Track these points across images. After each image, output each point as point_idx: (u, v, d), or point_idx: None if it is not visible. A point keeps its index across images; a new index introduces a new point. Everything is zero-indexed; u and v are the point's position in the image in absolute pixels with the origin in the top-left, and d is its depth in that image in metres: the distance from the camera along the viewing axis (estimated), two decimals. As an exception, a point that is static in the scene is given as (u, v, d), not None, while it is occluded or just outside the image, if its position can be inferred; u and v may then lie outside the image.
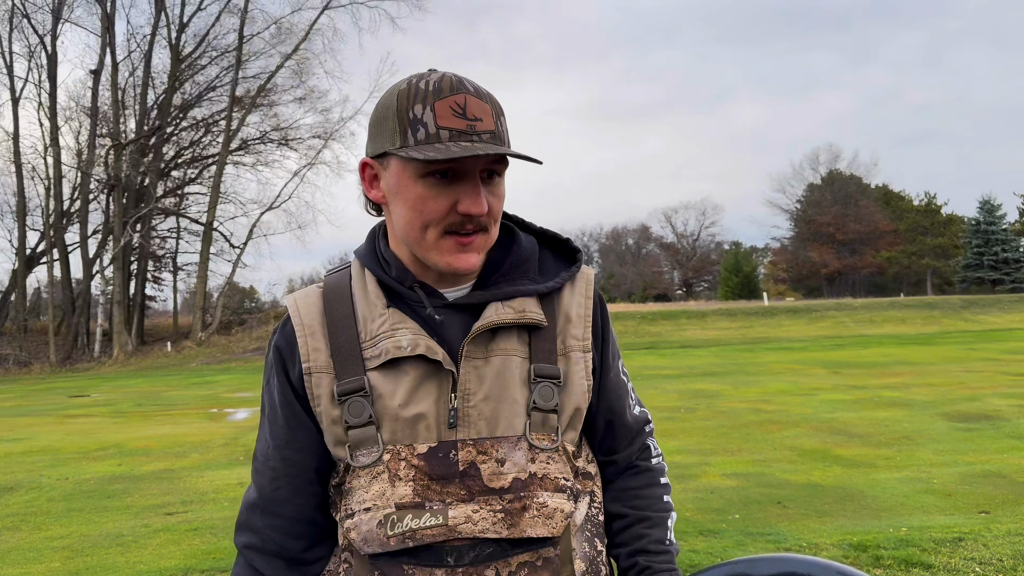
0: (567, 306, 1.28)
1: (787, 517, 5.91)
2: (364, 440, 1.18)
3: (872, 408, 11.48)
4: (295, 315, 1.27)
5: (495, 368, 1.20)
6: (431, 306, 1.22)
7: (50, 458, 10.30)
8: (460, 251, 1.18)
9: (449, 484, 1.15)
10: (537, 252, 1.32)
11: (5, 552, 5.86)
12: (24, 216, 41.03)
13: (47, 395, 22.63)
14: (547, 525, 1.17)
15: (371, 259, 1.29)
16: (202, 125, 44.33)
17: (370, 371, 1.20)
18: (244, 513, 1.33)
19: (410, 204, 1.17)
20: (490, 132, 1.14)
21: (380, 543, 1.16)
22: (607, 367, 1.32)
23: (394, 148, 1.15)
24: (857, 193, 71.76)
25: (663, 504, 1.33)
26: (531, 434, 1.19)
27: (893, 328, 33.22)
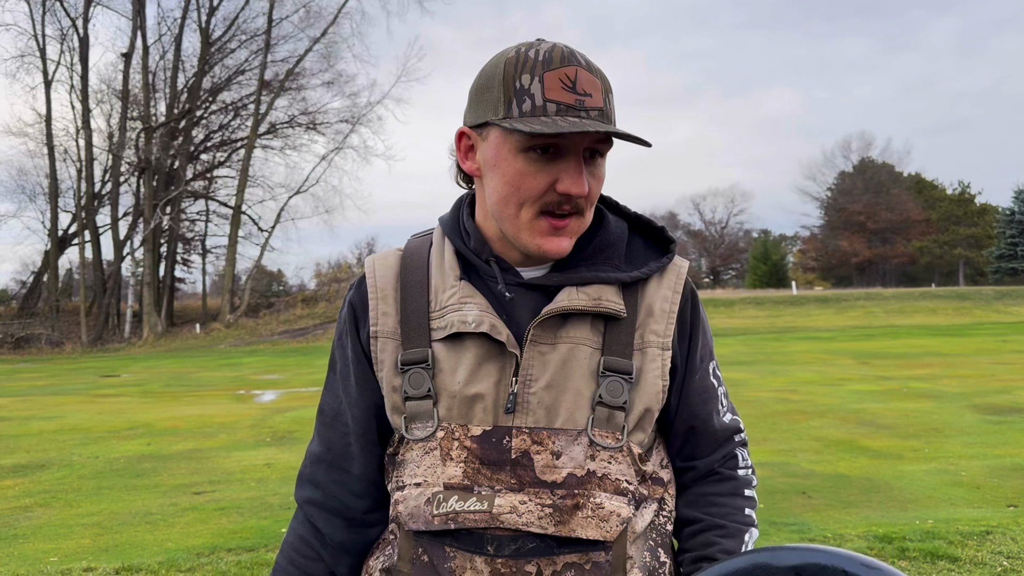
0: (651, 298, 1.20)
1: (812, 507, 5.87)
2: (420, 413, 1.16)
3: (900, 399, 11.36)
4: (370, 276, 1.25)
5: (561, 356, 1.14)
6: (504, 282, 1.17)
7: (81, 436, 10.48)
8: (553, 234, 1.12)
9: (500, 471, 1.12)
10: (626, 238, 1.24)
11: (37, 528, 5.98)
12: (56, 198, 41.62)
13: (78, 374, 23.01)
14: (600, 528, 1.11)
15: (452, 228, 1.24)
16: (231, 109, 44.64)
17: (435, 342, 1.17)
18: (308, 467, 1.31)
19: (507, 179, 1.11)
20: (598, 109, 1.07)
21: (425, 521, 1.14)
22: (692, 368, 1.23)
23: (497, 118, 1.08)
24: (889, 181, 70.86)
25: (743, 517, 1.22)
26: (593, 430, 1.12)
27: (924, 319, 32.81)
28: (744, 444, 1.30)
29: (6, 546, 5.52)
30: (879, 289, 47.67)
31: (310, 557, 1.28)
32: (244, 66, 43.27)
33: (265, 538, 5.44)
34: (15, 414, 13.20)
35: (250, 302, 42.24)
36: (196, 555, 5.11)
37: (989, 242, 64.81)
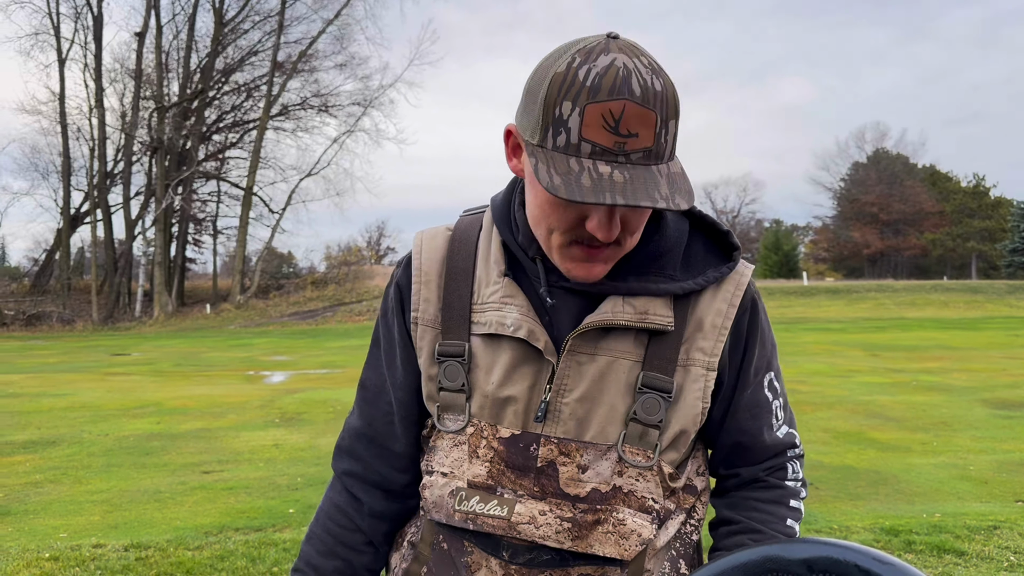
0: (703, 312, 1.13)
1: (819, 499, 5.87)
2: (453, 406, 1.16)
3: (910, 392, 11.32)
4: (416, 257, 1.21)
5: (599, 368, 1.10)
6: (547, 285, 1.12)
7: (91, 414, 10.55)
8: (585, 260, 1.06)
9: (524, 477, 1.10)
10: (684, 242, 1.16)
11: (48, 503, 6.04)
12: (69, 176, 41.76)
13: (89, 352, 23.16)
14: (619, 545, 1.09)
15: (503, 216, 1.18)
16: (244, 90, 44.64)
17: (474, 336, 1.15)
18: (348, 440, 1.30)
19: (538, 203, 1.05)
20: (644, 150, 0.96)
21: (447, 514, 1.15)
22: (744, 382, 1.18)
23: (532, 143, 1.00)
24: (903, 173, 70.39)
25: (784, 526, 1.16)
26: (624, 446, 1.09)
27: (935, 312, 32.66)
28: (798, 458, 1.24)
29: (17, 521, 5.57)
30: (890, 281, 47.46)
31: (346, 527, 1.28)
32: (257, 47, 43.27)
33: (273, 518, 5.47)
34: (26, 390, 13.30)
35: (260, 283, 42.36)
36: (204, 534, 5.15)
37: (1003, 235, 64.34)
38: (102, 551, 4.80)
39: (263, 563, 4.53)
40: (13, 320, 37.30)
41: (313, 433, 8.71)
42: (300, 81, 43.55)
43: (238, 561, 4.57)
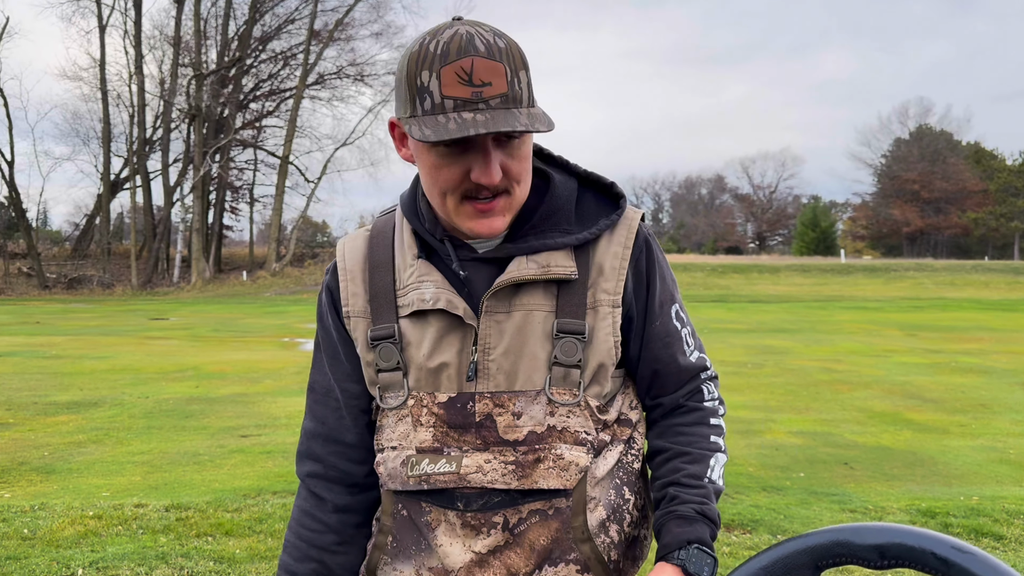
0: (601, 257, 1.24)
1: (853, 478, 5.82)
2: (392, 384, 1.24)
3: (948, 373, 11.16)
4: (340, 260, 1.33)
5: (516, 323, 1.20)
6: (457, 259, 1.23)
7: (131, 377, 10.76)
8: (481, 216, 1.16)
9: (466, 433, 1.20)
10: (575, 199, 1.28)
11: (90, 463, 6.18)
12: (109, 142, 42.27)
13: (129, 316, 23.57)
14: (560, 477, 1.19)
15: (410, 208, 1.30)
16: (280, 58, 44.74)
17: (402, 319, 1.24)
18: (305, 443, 1.37)
19: (427, 171, 1.17)
20: (500, 96, 1.08)
21: (402, 481, 1.24)
22: (652, 315, 1.27)
23: (404, 117, 1.13)
24: (946, 150, 68.90)
25: (709, 443, 1.28)
26: (551, 389, 1.19)
27: (975, 292, 32.08)
28: (712, 379, 1.34)
29: (61, 479, 5.72)
30: (930, 260, 46.66)
31: (316, 530, 1.34)
32: (294, 15, 43.29)
33: (309, 483, 5.55)
34: (68, 352, 13.59)
35: (295, 252, 42.73)
36: (242, 496, 5.24)
37: (1048, 216, 62.86)
38: (143, 511, 4.91)
39: (300, 527, 4.61)
40: (55, 283, 38.05)
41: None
42: (336, 50, 43.60)
43: (276, 524, 4.64)
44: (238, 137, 43.28)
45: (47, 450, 6.57)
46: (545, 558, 1.21)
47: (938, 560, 0.62)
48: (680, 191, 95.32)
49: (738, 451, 6.63)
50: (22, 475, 5.82)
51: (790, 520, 4.81)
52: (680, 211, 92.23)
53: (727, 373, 11.22)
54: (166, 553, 4.21)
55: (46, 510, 4.93)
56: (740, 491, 5.45)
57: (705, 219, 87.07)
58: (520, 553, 1.20)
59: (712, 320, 20.97)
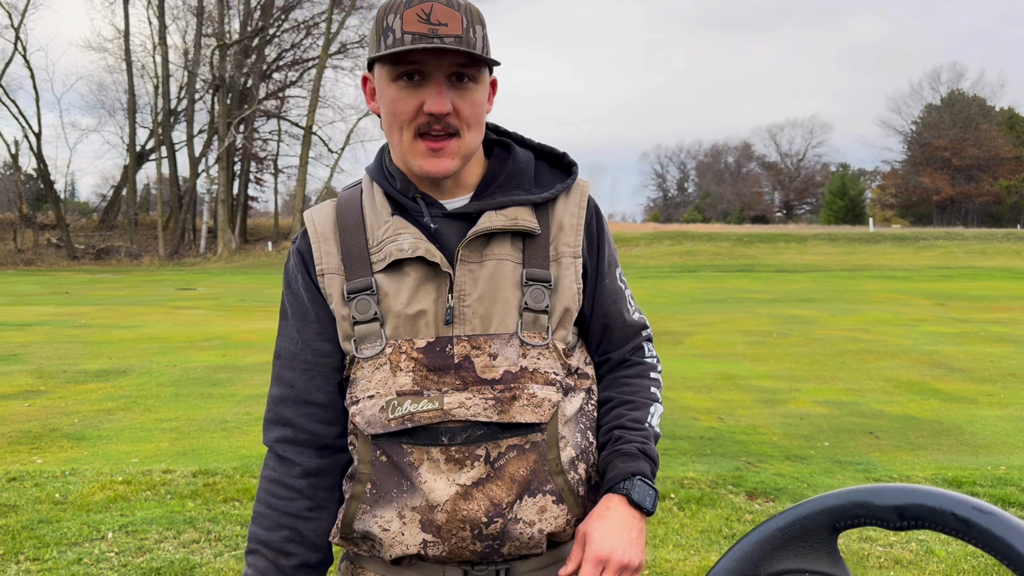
0: (560, 215, 1.36)
1: (879, 448, 5.78)
2: (368, 335, 1.30)
3: (977, 343, 11.02)
4: (310, 225, 1.39)
5: (489, 271, 1.29)
6: (429, 215, 1.32)
7: (159, 346, 10.90)
8: (432, 155, 1.26)
9: (445, 375, 1.27)
10: (533, 166, 1.40)
11: (119, 430, 6.28)
12: (134, 113, 42.52)
13: (156, 287, 23.84)
14: (535, 412, 1.27)
15: (379, 173, 1.39)
16: (303, 27, 44.60)
17: (377, 273, 1.31)
18: (272, 409, 1.39)
19: (387, 107, 1.27)
20: (455, 36, 1.19)
21: (382, 425, 1.27)
22: (602, 273, 1.40)
23: (372, 55, 1.25)
24: (979, 116, 67.53)
25: (649, 393, 1.41)
26: (523, 332, 1.29)
27: (1006, 261, 31.57)
28: (650, 339, 1.48)
29: (91, 446, 5.82)
30: (960, 229, 45.94)
31: (286, 497, 1.35)
32: (317, -17, 43.01)
33: (333, 450, 5.61)
34: (97, 322, 13.79)
35: (320, 222, 42.84)
36: (268, 463, 5.30)
37: (1083, 183, 61.56)
38: (172, 476, 4.99)
39: (324, 493, 4.67)
40: (84, 254, 38.53)
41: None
42: (358, 18, 43.33)
43: (301, 490, 4.70)
44: (262, 108, 43.33)
45: (77, 417, 6.69)
46: (525, 489, 1.27)
47: (959, 521, 0.61)
48: (706, 159, 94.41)
49: (762, 420, 6.60)
50: (53, 441, 5.93)
51: (813, 489, 4.79)
52: (706, 180, 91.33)
53: (752, 343, 11.16)
54: (194, 518, 4.28)
55: (77, 475, 5.03)
56: (764, 460, 5.44)
57: (731, 188, 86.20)
58: (501, 485, 1.27)
59: (738, 290, 20.84)
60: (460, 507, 1.25)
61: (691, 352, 10.26)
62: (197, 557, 3.78)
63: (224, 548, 3.90)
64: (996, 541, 0.59)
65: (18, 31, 40.08)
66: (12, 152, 41.27)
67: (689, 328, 12.71)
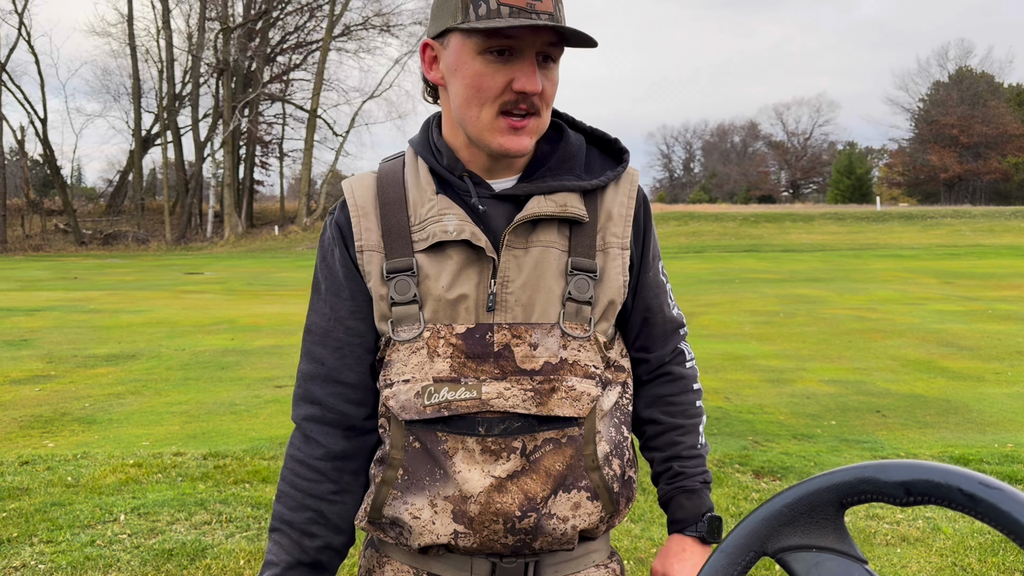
0: (609, 204, 1.31)
1: (886, 426, 5.79)
2: (406, 317, 1.25)
3: (984, 321, 11.00)
4: (350, 197, 1.33)
5: (534, 258, 1.25)
6: (476, 196, 1.26)
7: (168, 330, 10.95)
8: (512, 133, 1.21)
9: (484, 363, 1.23)
10: (584, 150, 1.35)
11: (130, 413, 6.33)
12: (139, 98, 42.47)
13: (164, 271, 23.90)
14: (574, 406, 1.24)
15: (424, 148, 1.32)
16: (306, 9, 44.40)
17: (418, 253, 1.26)
18: (302, 386, 1.35)
19: (467, 81, 1.20)
20: (548, 13, 1.15)
21: (417, 411, 1.23)
22: (646, 266, 1.36)
23: (456, 24, 1.17)
24: (987, 93, 66.93)
25: (695, 410, 1.40)
26: (565, 323, 1.25)
27: (1014, 239, 31.42)
28: (686, 337, 1.45)
29: (102, 429, 5.87)
30: (968, 207, 45.67)
31: (311, 479, 1.31)
32: (320, -35, 42.78)
33: (342, 433, 5.65)
34: (106, 307, 13.85)
35: (326, 206, 42.87)
36: (278, 444, 5.34)
37: (1093, 160, 61.08)
38: (182, 459, 5.03)
39: (334, 475, 4.70)
40: (91, 239, 38.62)
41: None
42: (362, 0, 43.12)
43: (310, 472, 4.74)
44: (266, 91, 43.23)
45: (88, 401, 6.74)
46: (560, 484, 1.25)
47: (965, 496, 0.61)
48: (712, 139, 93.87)
49: (769, 399, 6.61)
50: (65, 425, 5.98)
51: (820, 467, 4.81)
52: (712, 160, 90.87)
53: (758, 323, 11.16)
54: (205, 499, 4.32)
55: (88, 459, 5.07)
56: (770, 439, 5.45)
57: (738, 168, 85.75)
58: (536, 479, 1.24)
59: (744, 270, 20.79)
60: (494, 499, 1.23)
61: (698, 332, 10.27)
62: (208, 538, 3.82)
63: (235, 529, 3.94)
64: (1003, 516, 0.59)
65: (22, 16, 39.99)
66: (18, 138, 41.27)
67: (696, 308, 12.71)
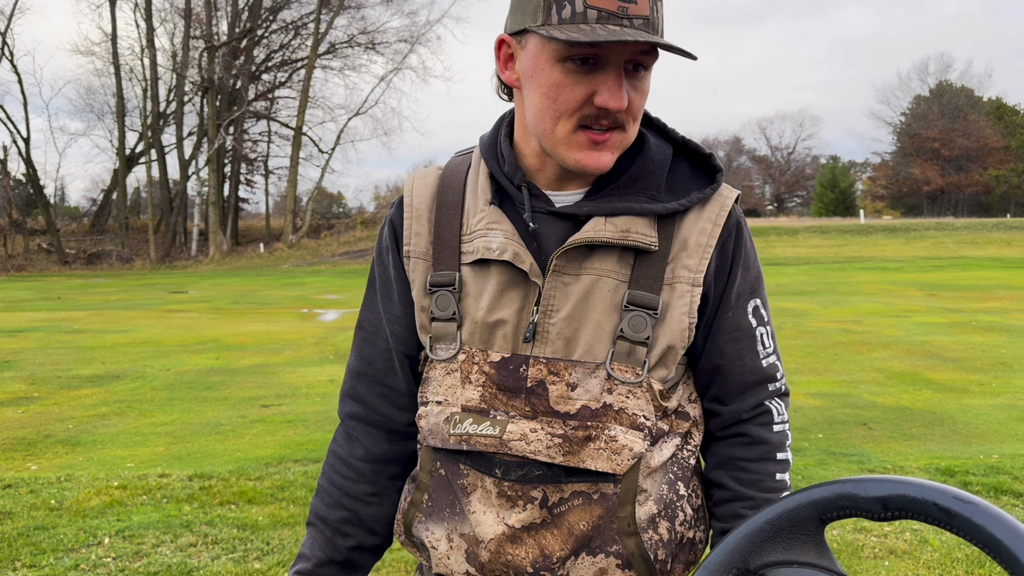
0: (688, 231, 1.14)
1: (872, 439, 5.82)
2: (445, 335, 1.17)
3: (968, 332, 11.08)
4: (408, 195, 1.24)
5: (584, 287, 1.11)
6: (531, 210, 1.13)
7: (152, 350, 10.88)
8: (592, 148, 1.07)
9: (515, 398, 1.12)
10: (667, 165, 1.18)
11: (115, 435, 6.27)
12: (123, 117, 42.35)
13: (148, 290, 23.76)
14: (611, 460, 1.10)
15: (489, 149, 1.21)
16: (291, 28, 44.46)
17: (464, 266, 1.16)
18: (349, 382, 1.31)
19: (544, 90, 1.06)
20: (643, 18, 1.00)
21: (442, 439, 1.16)
22: (726, 304, 1.17)
23: (535, 25, 1.02)
24: (967, 106, 67.72)
25: (773, 483, 1.18)
26: (612, 364, 1.10)
27: (996, 250, 31.71)
28: (781, 395, 1.22)
29: (86, 451, 5.81)
30: (950, 219, 46.10)
31: (350, 478, 1.28)
32: (304, -16, 42.91)
33: (329, 451, 5.62)
34: (90, 327, 13.74)
35: (311, 223, 42.82)
36: (264, 465, 5.31)
37: (1072, 171, 61.83)
38: (167, 480, 4.99)
39: (321, 494, 4.67)
40: (75, 259, 38.38)
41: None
42: (347, 18, 43.28)
43: (297, 491, 4.71)
44: (251, 109, 43.21)
45: (71, 423, 6.68)
46: (583, 545, 1.12)
47: (940, 511, 0.62)
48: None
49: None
50: (48, 447, 5.92)
51: (808, 481, 4.82)
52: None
53: (745, 336, 11.20)
54: (190, 521, 4.28)
55: (72, 481, 5.02)
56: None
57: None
58: (557, 535, 1.12)
59: (730, 283, 20.89)
60: (506, 549, 1.13)
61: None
62: (194, 560, 3.78)
63: (221, 551, 3.90)
64: (977, 529, 0.60)
65: (4, 36, 39.86)
66: (1, 158, 41.05)
67: (682, 323, 12.73)
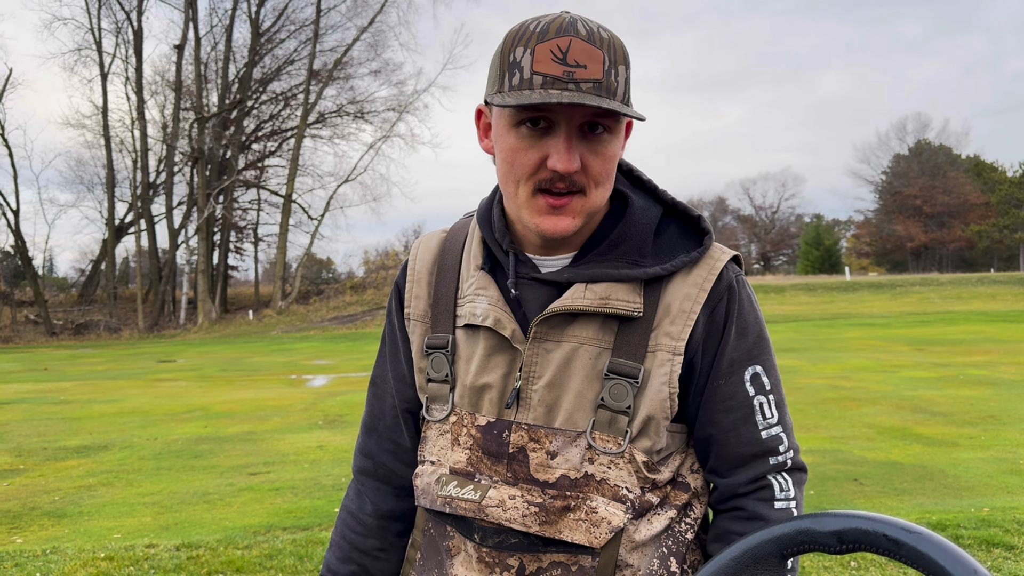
0: (672, 296, 1.11)
1: (863, 494, 5.81)
2: (439, 396, 1.20)
3: (956, 386, 11.13)
4: (412, 260, 1.28)
5: (565, 354, 1.10)
6: (516, 276, 1.14)
7: (140, 419, 10.78)
8: (551, 213, 1.06)
9: (498, 463, 1.13)
10: (654, 228, 1.15)
11: (101, 506, 6.20)
12: (113, 188, 42.63)
13: (136, 360, 23.61)
14: (588, 533, 1.08)
15: (483, 215, 1.22)
16: (281, 99, 45.19)
17: (458, 329, 1.19)
18: (361, 437, 1.35)
19: (504, 155, 1.08)
20: (594, 81, 0.99)
21: (431, 500, 1.19)
22: (717, 372, 1.13)
23: (491, 93, 1.05)
24: (946, 164, 69.03)
25: None
26: (593, 433, 1.09)
27: (982, 304, 31.97)
28: (788, 470, 1.15)
29: (72, 523, 5.73)
30: (935, 274, 46.57)
31: (360, 533, 1.32)
32: (293, 56, 43.80)
33: (319, 517, 5.56)
34: (77, 397, 13.62)
35: (301, 289, 42.85)
36: (253, 533, 5.25)
37: (1052, 226, 62.75)
38: (155, 551, 4.93)
39: (311, 561, 4.62)
40: (62, 329, 38.17)
41: (356, 434, 8.80)
42: (336, 88, 44.04)
43: (286, 559, 4.65)
44: (241, 178, 43.61)
45: (58, 495, 6.59)
46: None
47: (889, 541, 0.66)
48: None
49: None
50: (33, 520, 5.84)
51: (800, 538, 4.80)
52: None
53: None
54: (178, 592, 4.21)
55: (58, 554, 4.95)
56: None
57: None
58: None
59: (719, 342, 20.91)
60: None
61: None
62: (182, 632, 3.72)
63: (209, 622, 3.84)
64: (922, 558, 0.64)
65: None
66: (-10, 230, 41.12)
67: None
